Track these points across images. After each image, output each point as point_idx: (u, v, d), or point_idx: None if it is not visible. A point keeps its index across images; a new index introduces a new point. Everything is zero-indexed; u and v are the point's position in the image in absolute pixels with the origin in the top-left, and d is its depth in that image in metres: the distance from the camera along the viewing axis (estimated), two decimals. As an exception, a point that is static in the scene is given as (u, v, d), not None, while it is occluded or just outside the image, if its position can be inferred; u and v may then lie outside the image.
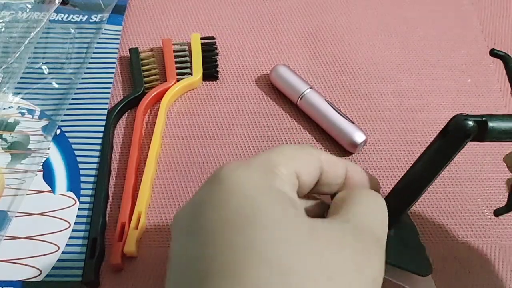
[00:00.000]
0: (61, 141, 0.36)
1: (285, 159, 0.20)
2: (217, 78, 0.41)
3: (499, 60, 0.26)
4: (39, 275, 0.31)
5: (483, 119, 0.21)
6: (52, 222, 0.33)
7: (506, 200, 0.36)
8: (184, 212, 0.19)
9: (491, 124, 0.20)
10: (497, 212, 0.26)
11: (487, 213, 0.35)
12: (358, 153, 0.38)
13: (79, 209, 0.33)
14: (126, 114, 0.39)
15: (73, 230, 0.32)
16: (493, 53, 0.25)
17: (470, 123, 0.20)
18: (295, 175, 0.21)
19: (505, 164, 0.38)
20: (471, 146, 0.39)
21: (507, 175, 0.37)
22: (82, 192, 0.34)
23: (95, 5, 0.44)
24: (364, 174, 0.24)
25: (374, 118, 0.40)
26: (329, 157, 0.23)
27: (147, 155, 0.36)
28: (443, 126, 0.22)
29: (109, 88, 0.39)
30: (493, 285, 0.32)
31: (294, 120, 0.39)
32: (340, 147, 0.38)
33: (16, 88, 0.38)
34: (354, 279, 0.17)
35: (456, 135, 0.21)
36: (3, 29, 0.41)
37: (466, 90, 0.42)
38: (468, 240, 0.34)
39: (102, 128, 0.37)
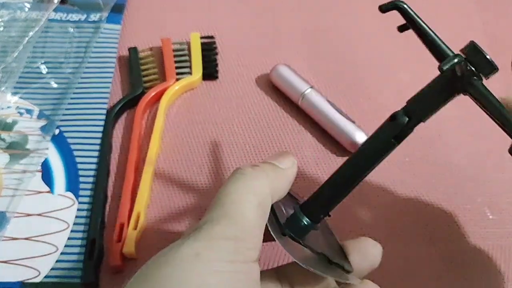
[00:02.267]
0: (60, 141, 0.36)
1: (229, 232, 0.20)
2: (216, 77, 0.41)
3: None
4: (38, 276, 0.30)
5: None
6: (51, 222, 0.32)
7: (508, 199, 0.36)
8: None
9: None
10: None
11: (488, 213, 0.35)
12: (359, 153, 0.37)
13: (78, 209, 0.33)
14: (125, 114, 0.39)
15: (72, 231, 0.32)
16: (383, 9, 0.25)
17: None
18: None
19: (506, 164, 0.38)
20: (473, 146, 0.39)
21: (508, 175, 0.37)
22: (81, 192, 0.34)
23: (94, 4, 0.44)
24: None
25: (375, 117, 0.39)
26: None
27: (146, 155, 0.35)
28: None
29: (108, 87, 0.39)
30: (494, 285, 0.32)
31: (294, 120, 0.39)
32: (340, 146, 0.37)
33: (14, 87, 0.38)
34: None
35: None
36: (1, 29, 0.41)
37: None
38: (469, 240, 0.34)
39: (101, 128, 0.37)
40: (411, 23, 0.24)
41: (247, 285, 0.19)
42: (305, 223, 0.23)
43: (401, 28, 0.24)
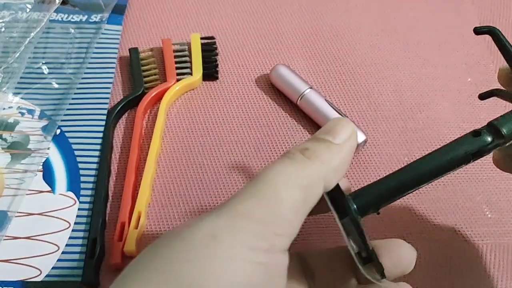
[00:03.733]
0: (61, 141, 0.36)
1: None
2: (217, 78, 0.41)
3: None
4: (39, 275, 0.30)
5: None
6: (52, 222, 0.33)
7: (507, 197, 0.36)
8: None
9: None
10: None
11: (487, 212, 0.35)
12: (358, 153, 0.38)
13: (79, 209, 0.33)
14: (126, 114, 0.39)
15: (73, 230, 0.32)
16: (477, 31, 0.24)
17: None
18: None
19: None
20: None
21: (506, 174, 0.37)
22: (82, 192, 0.34)
23: (95, 5, 0.44)
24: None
25: (374, 118, 0.40)
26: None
27: (147, 155, 0.36)
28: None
29: (109, 88, 0.39)
30: (493, 284, 0.32)
31: (294, 120, 0.39)
32: (340, 146, 0.37)
33: (16, 88, 0.38)
34: None
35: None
36: (3, 29, 0.41)
37: (466, 90, 0.42)
38: (468, 239, 0.34)
39: (102, 128, 0.37)
40: (501, 48, 0.24)
41: (269, 281, 0.17)
42: (354, 213, 0.21)
43: (483, 96, 0.24)
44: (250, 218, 0.16)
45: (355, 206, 0.21)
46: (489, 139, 0.21)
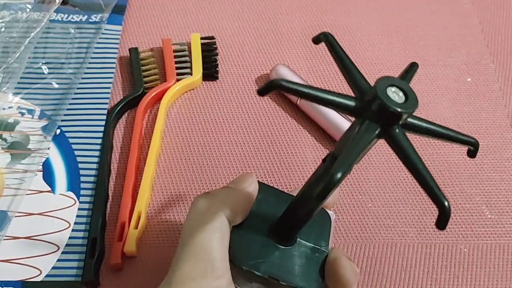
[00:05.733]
0: (61, 141, 0.36)
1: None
2: (217, 78, 0.41)
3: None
4: (39, 275, 0.31)
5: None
6: (52, 222, 0.33)
7: (506, 198, 0.36)
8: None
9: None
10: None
11: (486, 212, 0.35)
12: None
13: (79, 209, 0.33)
14: (126, 114, 0.39)
15: (73, 230, 0.32)
16: (316, 40, 0.23)
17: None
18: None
19: (504, 163, 0.38)
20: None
21: (506, 174, 0.37)
22: (82, 192, 0.34)
23: (95, 5, 0.44)
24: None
25: (374, 117, 0.40)
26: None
27: (147, 155, 0.36)
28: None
29: (109, 88, 0.39)
30: (493, 284, 0.32)
31: (294, 120, 0.39)
32: (340, 146, 0.37)
33: (16, 88, 0.38)
34: None
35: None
36: (3, 29, 0.41)
37: (466, 89, 0.42)
38: (467, 239, 0.34)
39: (102, 128, 0.37)
40: (334, 54, 0.22)
41: None
42: (264, 243, 0.23)
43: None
44: (193, 278, 0.21)
45: (273, 239, 0.24)
46: (338, 176, 0.17)
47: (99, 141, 0.36)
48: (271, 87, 0.17)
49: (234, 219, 0.23)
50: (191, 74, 0.40)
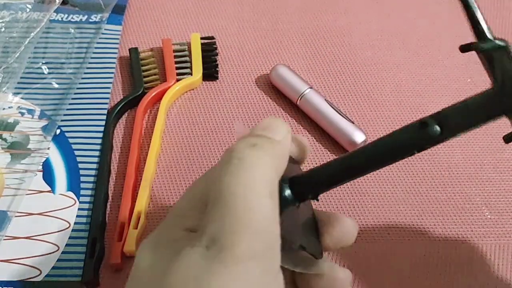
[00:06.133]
0: (61, 141, 0.36)
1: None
2: (217, 78, 0.41)
3: None
4: (39, 275, 0.31)
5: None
6: (52, 222, 0.33)
7: (506, 198, 0.36)
8: None
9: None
10: (507, 138, 0.24)
11: (486, 213, 0.35)
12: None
13: (79, 209, 0.33)
14: (126, 114, 0.39)
15: (73, 230, 0.32)
16: (463, 48, 0.23)
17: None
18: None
19: (504, 163, 0.38)
20: (471, 146, 0.39)
21: (506, 174, 0.37)
22: (82, 192, 0.34)
23: (95, 5, 0.44)
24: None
25: (374, 118, 0.40)
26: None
27: (147, 155, 0.36)
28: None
29: (109, 88, 0.39)
30: (494, 284, 0.32)
31: (294, 120, 0.39)
32: (339, 146, 0.38)
33: (16, 88, 0.38)
34: None
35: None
36: (3, 29, 0.41)
37: (466, 90, 0.42)
38: (467, 239, 0.34)
39: (102, 128, 0.37)
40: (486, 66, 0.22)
41: None
42: (286, 196, 0.20)
43: (508, 139, 0.22)
44: (253, 258, 0.16)
45: (289, 192, 0.20)
46: (438, 131, 0.19)
47: (99, 141, 0.36)
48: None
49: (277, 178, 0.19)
50: (191, 74, 0.40)
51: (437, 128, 0.19)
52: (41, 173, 0.35)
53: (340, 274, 0.21)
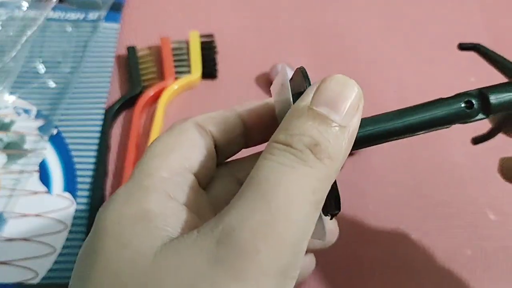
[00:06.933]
0: (58, 141, 0.36)
1: (160, 160, 0.17)
2: (216, 76, 0.41)
3: None
4: (35, 277, 0.30)
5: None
6: (49, 223, 0.32)
7: (510, 200, 0.36)
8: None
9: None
10: (476, 140, 0.25)
11: (490, 215, 0.35)
12: (358, 153, 0.37)
13: (75, 210, 0.33)
14: (123, 113, 0.39)
15: (69, 232, 0.32)
16: (462, 47, 0.23)
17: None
18: (188, 163, 0.18)
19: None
20: (474, 146, 0.38)
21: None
22: (79, 193, 0.34)
23: (92, 3, 0.43)
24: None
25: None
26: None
27: (144, 155, 0.35)
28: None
29: (106, 87, 0.39)
30: (497, 286, 0.32)
31: (294, 120, 0.39)
32: (340, 147, 0.37)
33: (12, 87, 0.38)
34: None
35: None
36: (-1, 28, 0.41)
37: (469, 89, 0.41)
38: (471, 241, 0.34)
39: (99, 128, 0.36)
40: (491, 62, 0.23)
41: None
42: None
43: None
44: (277, 270, 0.13)
45: None
46: (480, 112, 0.20)
47: (96, 141, 0.36)
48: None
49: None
50: (189, 72, 0.40)
51: (481, 111, 0.20)
52: (38, 173, 0.34)
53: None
